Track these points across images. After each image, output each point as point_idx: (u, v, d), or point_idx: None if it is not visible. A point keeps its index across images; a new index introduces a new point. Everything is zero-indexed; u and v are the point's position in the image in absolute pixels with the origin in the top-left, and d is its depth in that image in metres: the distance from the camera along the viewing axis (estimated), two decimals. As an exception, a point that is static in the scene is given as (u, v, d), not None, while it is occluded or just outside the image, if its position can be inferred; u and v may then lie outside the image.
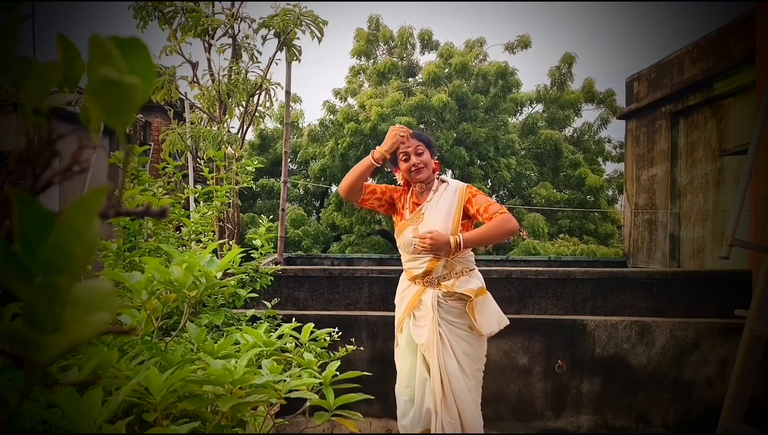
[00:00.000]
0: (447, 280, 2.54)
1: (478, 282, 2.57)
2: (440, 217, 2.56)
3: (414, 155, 2.61)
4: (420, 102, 12.28)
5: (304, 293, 5.30)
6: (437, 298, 2.53)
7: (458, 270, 2.56)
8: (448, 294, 2.53)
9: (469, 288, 2.52)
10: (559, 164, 13.99)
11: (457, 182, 2.69)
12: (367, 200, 2.73)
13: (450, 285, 2.52)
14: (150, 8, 4.62)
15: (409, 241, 2.58)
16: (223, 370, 1.18)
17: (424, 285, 2.59)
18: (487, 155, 13.18)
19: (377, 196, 2.74)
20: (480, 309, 2.52)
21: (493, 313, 2.58)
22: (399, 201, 2.75)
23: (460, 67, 13.09)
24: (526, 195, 14.08)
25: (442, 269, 2.55)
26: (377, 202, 2.75)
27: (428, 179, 2.66)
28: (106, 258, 2.48)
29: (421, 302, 2.57)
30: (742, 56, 5.88)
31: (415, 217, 2.62)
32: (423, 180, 2.64)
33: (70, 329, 0.38)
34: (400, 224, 2.68)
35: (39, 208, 0.41)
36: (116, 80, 0.41)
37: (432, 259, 2.54)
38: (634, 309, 5.20)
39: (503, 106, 13.77)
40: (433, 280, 2.56)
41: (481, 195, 2.61)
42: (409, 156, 2.61)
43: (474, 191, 2.62)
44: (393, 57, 14.09)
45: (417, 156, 2.60)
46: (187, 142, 4.94)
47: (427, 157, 2.62)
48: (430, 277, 2.56)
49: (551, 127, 14.24)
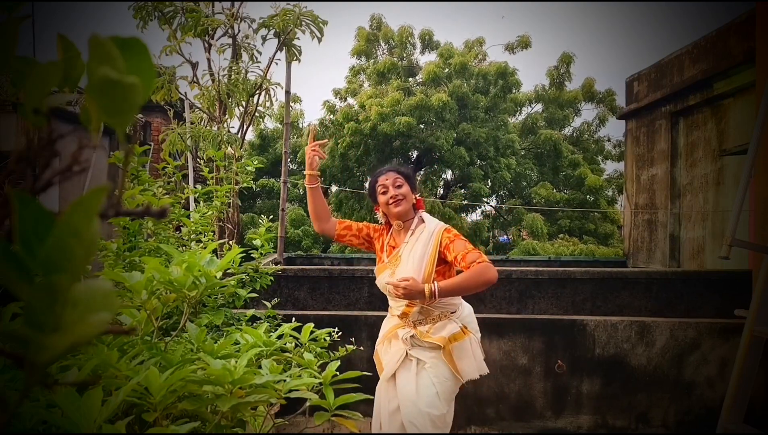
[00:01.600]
0: (423, 326, 2.47)
1: (454, 327, 2.46)
2: (412, 264, 2.46)
3: (392, 187, 2.51)
4: (420, 102, 12.28)
5: (304, 293, 5.30)
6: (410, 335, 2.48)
7: (435, 315, 2.46)
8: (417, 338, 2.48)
9: (440, 336, 2.43)
10: (558, 164, 14.00)
11: (435, 223, 2.55)
12: (344, 236, 2.68)
13: (425, 331, 2.45)
14: (150, 8, 4.62)
15: (384, 286, 2.52)
16: (223, 370, 1.18)
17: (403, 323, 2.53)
18: (487, 155, 13.19)
19: (353, 232, 2.68)
20: (458, 355, 2.43)
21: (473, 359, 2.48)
22: (377, 241, 2.67)
23: (459, 67, 13.10)
24: (526, 195, 14.09)
25: (418, 314, 2.47)
26: (354, 238, 2.68)
27: (407, 215, 2.55)
28: (106, 258, 2.48)
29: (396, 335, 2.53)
30: (742, 56, 5.88)
31: (393, 261, 2.54)
32: (402, 214, 2.53)
33: (70, 329, 0.38)
34: (379, 266, 2.62)
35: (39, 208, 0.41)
36: (116, 80, 0.41)
37: (408, 304, 2.47)
38: (634, 309, 5.20)
39: (503, 106, 13.78)
40: (409, 323, 2.50)
41: (459, 241, 2.45)
42: (387, 189, 2.52)
43: (452, 236, 2.47)
44: (393, 57, 14.09)
45: (395, 188, 2.50)
46: (187, 142, 4.94)
47: (407, 190, 2.52)
48: (407, 319, 2.50)
49: (551, 126, 14.26)
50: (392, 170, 2.58)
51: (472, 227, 13.78)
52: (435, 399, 2.41)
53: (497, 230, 15.41)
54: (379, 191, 2.55)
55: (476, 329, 2.59)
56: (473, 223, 14.34)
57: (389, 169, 2.59)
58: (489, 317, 3.96)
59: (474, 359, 2.47)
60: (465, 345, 2.46)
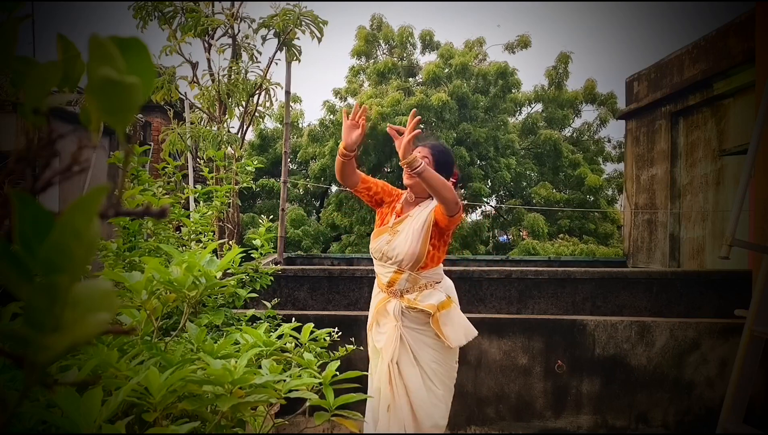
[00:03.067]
0: (410, 294, 2.52)
1: (441, 295, 2.53)
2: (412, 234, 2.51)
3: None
4: (420, 102, 12.28)
5: (304, 293, 5.30)
6: (401, 308, 2.51)
7: (421, 284, 2.53)
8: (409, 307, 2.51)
9: (429, 303, 2.48)
10: (558, 164, 14.00)
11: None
12: (360, 192, 2.71)
13: (412, 299, 2.50)
14: (150, 8, 4.62)
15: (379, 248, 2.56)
16: (223, 370, 1.18)
17: (388, 294, 2.57)
18: (487, 155, 13.19)
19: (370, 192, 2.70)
20: (444, 322, 2.49)
21: (460, 326, 2.53)
22: (388, 204, 2.71)
23: (460, 67, 13.09)
24: (526, 195, 14.09)
25: (405, 282, 2.52)
26: (367, 196, 2.72)
27: (419, 192, 2.60)
28: (106, 258, 2.48)
29: (385, 310, 2.56)
30: (742, 56, 5.88)
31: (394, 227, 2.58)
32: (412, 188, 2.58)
33: (70, 329, 0.38)
34: (379, 229, 2.65)
35: (39, 208, 0.41)
36: (116, 80, 0.41)
37: (395, 271, 2.53)
38: (634, 309, 5.21)
39: (503, 106, 13.78)
40: (396, 292, 2.54)
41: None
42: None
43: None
44: (393, 57, 14.09)
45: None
46: (187, 142, 4.94)
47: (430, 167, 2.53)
48: (394, 289, 2.54)
49: (550, 126, 14.26)
50: (428, 146, 2.59)
51: (472, 227, 13.78)
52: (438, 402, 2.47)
53: (497, 230, 15.41)
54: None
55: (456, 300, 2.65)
56: (473, 223, 14.34)
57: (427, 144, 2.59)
58: (489, 317, 3.96)
59: (461, 326, 2.54)
60: (452, 312, 2.53)
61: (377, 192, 2.72)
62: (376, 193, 2.72)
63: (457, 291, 2.72)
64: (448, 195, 2.40)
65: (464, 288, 5.01)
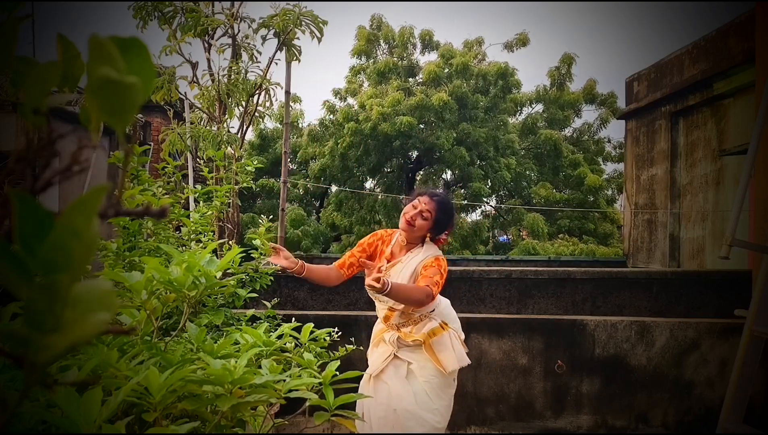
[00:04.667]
0: (405, 327, 2.58)
1: (433, 324, 2.56)
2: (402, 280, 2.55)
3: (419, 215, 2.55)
4: (420, 102, 12.28)
5: (304, 293, 5.30)
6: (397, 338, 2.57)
7: (415, 318, 2.58)
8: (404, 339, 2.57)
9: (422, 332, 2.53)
10: (558, 164, 14.00)
11: (432, 250, 2.62)
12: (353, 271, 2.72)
13: (408, 332, 2.56)
14: (150, 8, 4.62)
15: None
16: (223, 370, 1.18)
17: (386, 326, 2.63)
18: (487, 155, 13.19)
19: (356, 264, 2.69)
20: (438, 349, 2.52)
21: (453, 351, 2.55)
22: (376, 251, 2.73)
23: (461, 67, 13.09)
24: (526, 195, 14.09)
25: (399, 318, 2.58)
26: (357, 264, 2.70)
27: (413, 239, 2.62)
28: (106, 258, 2.48)
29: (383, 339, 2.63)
30: (742, 56, 5.88)
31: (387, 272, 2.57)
32: (406, 235, 2.61)
33: (70, 329, 0.38)
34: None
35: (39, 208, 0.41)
36: (116, 80, 0.41)
37: (389, 309, 2.58)
38: (634, 309, 5.20)
39: (503, 106, 13.78)
40: (392, 325, 2.61)
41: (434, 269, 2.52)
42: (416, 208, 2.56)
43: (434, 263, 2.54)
44: (393, 57, 14.09)
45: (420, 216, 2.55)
46: (186, 142, 4.94)
47: (425, 225, 2.56)
48: (390, 323, 2.61)
49: (551, 127, 14.25)
50: (434, 202, 2.58)
51: (472, 227, 13.77)
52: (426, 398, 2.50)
53: (497, 230, 15.41)
54: (413, 203, 2.60)
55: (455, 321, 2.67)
56: (473, 223, 14.34)
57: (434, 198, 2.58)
58: (489, 317, 3.96)
59: (453, 351, 2.55)
60: (444, 339, 2.55)
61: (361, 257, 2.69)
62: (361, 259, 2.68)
63: (457, 291, 2.73)
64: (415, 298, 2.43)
65: (464, 288, 5.01)
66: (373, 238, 2.77)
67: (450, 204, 2.68)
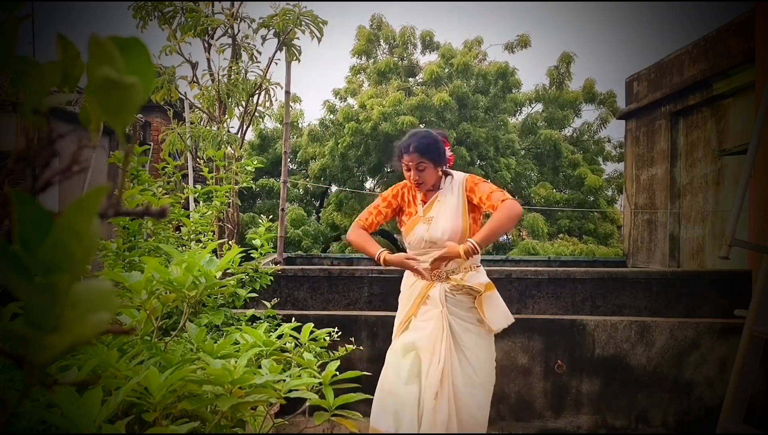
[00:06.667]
0: (456, 274, 2.53)
1: (486, 277, 2.57)
2: (450, 212, 2.54)
3: (415, 170, 2.55)
4: (421, 102, 12.28)
5: (304, 293, 5.30)
6: (445, 292, 2.51)
7: (467, 265, 2.54)
8: (456, 288, 2.50)
9: (479, 282, 2.51)
10: (558, 164, 13.99)
11: (459, 174, 2.66)
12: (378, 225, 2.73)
13: (459, 279, 2.50)
14: (150, 8, 4.62)
15: (419, 238, 2.56)
16: (223, 369, 1.18)
17: (431, 279, 2.55)
18: (487, 155, 13.19)
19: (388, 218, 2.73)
20: (488, 305, 2.51)
21: (502, 310, 2.57)
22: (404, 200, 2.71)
23: (462, 67, 13.09)
24: (526, 195, 14.08)
25: (452, 263, 2.52)
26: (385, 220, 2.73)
27: (432, 187, 2.63)
28: (106, 258, 2.48)
29: (428, 297, 2.54)
30: (742, 56, 5.88)
31: (425, 215, 2.60)
32: (423, 190, 2.63)
33: (70, 329, 0.38)
34: (411, 220, 2.63)
35: (39, 208, 0.41)
36: (116, 80, 0.41)
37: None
38: (634, 309, 5.20)
39: (503, 106, 13.78)
40: (441, 274, 2.53)
41: (482, 183, 2.59)
42: (410, 169, 2.56)
43: (476, 180, 2.60)
44: (394, 57, 14.09)
45: (418, 171, 2.55)
46: (186, 142, 4.94)
47: (430, 171, 2.56)
48: (439, 271, 2.53)
49: (550, 126, 14.25)
50: (416, 151, 2.55)
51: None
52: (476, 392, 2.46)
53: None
54: (404, 168, 2.60)
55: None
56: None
57: (414, 149, 2.55)
58: (489, 317, 3.95)
59: (502, 309, 2.58)
60: (494, 296, 2.57)
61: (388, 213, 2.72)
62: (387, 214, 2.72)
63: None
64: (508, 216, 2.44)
65: (464, 288, 5.01)
66: (396, 188, 2.74)
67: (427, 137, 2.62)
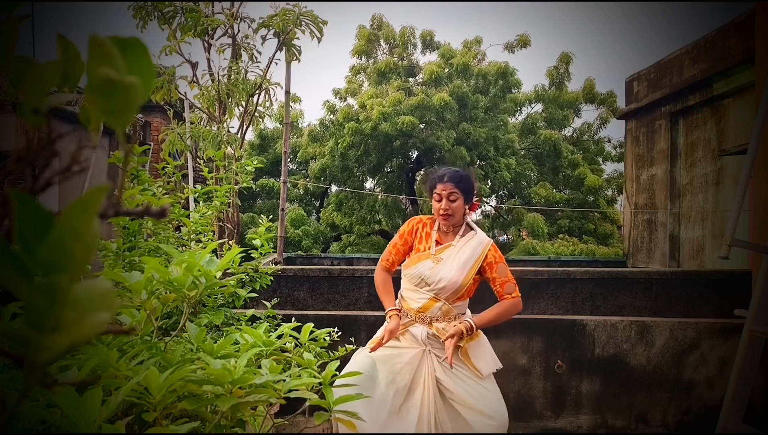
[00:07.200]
0: (439, 323, 2.49)
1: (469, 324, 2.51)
2: (457, 264, 2.49)
3: (446, 199, 2.51)
4: (421, 102, 12.28)
5: (304, 293, 5.30)
6: (428, 334, 2.48)
7: (452, 315, 2.51)
8: (436, 337, 2.48)
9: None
10: (558, 164, 14.00)
11: (483, 235, 2.61)
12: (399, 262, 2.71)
13: (442, 328, 2.47)
14: (150, 8, 4.61)
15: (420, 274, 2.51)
16: (223, 370, 1.18)
17: (415, 319, 2.53)
18: (487, 155, 13.19)
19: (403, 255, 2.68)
20: (474, 353, 2.49)
21: (489, 355, 2.54)
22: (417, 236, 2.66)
23: (462, 67, 13.10)
24: (526, 195, 14.09)
25: (438, 311, 2.49)
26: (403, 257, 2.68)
27: (456, 223, 2.59)
28: (106, 258, 2.48)
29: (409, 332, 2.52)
30: (742, 56, 5.88)
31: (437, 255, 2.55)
32: (449, 225, 2.58)
33: (70, 329, 0.38)
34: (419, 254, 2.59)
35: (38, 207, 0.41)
36: (116, 80, 0.41)
37: (431, 299, 2.50)
38: (634, 309, 5.20)
39: (503, 106, 13.78)
40: (425, 319, 2.51)
41: (503, 264, 2.55)
42: (442, 199, 2.52)
43: (498, 257, 2.55)
44: (394, 57, 14.09)
45: (449, 201, 2.51)
46: (186, 142, 4.94)
47: (459, 204, 2.52)
48: (424, 315, 2.51)
49: (550, 127, 14.26)
50: (451, 181, 2.53)
51: (472, 227, 13.75)
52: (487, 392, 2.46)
53: (497, 230, 15.41)
54: (435, 198, 2.56)
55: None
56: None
57: (449, 178, 2.53)
58: (489, 317, 3.95)
59: (489, 354, 2.55)
60: (481, 342, 2.54)
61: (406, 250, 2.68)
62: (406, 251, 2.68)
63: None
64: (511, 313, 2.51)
65: (464, 288, 5.01)
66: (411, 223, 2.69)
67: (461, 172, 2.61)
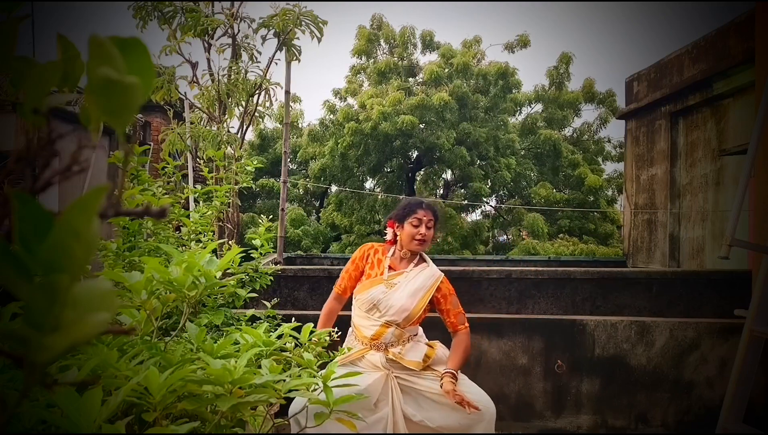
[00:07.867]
0: (394, 347, 2.52)
1: (423, 348, 2.56)
2: (409, 292, 2.55)
3: (425, 227, 2.59)
4: (421, 101, 12.28)
5: (304, 293, 5.30)
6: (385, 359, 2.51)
7: (405, 338, 2.55)
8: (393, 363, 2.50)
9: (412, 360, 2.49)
10: (558, 164, 14.01)
11: (434, 268, 2.68)
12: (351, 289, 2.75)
13: (397, 353, 2.50)
14: (150, 8, 4.61)
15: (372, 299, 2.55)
16: (223, 370, 1.18)
17: (370, 347, 2.55)
18: (487, 155, 13.20)
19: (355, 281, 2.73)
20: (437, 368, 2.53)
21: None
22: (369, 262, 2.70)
23: (462, 67, 13.09)
24: (526, 195, 14.09)
25: (391, 336, 2.52)
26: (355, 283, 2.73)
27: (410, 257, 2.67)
28: (106, 258, 2.48)
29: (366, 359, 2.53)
30: (742, 56, 5.88)
31: (389, 280, 2.59)
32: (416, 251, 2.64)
33: (70, 329, 0.38)
34: (371, 280, 2.63)
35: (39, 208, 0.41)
36: (116, 80, 0.41)
37: (383, 325, 2.52)
38: (634, 309, 5.20)
39: (503, 106, 13.78)
40: (380, 345, 2.53)
41: (454, 297, 2.65)
42: (421, 224, 2.59)
43: (450, 289, 2.65)
44: (394, 57, 14.09)
45: (427, 229, 2.60)
46: (186, 142, 4.94)
47: (432, 233, 2.63)
48: (378, 342, 2.53)
49: (550, 127, 14.26)
50: (432, 210, 2.64)
51: (472, 227, 13.77)
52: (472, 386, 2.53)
53: (497, 230, 15.41)
54: (413, 222, 2.60)
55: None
56: (473, 223, 14.33)
57: (429, 207, 2.64)
58: (488, 317, 3.96)
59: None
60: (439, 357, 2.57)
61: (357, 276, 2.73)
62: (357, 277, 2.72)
63: (457, 291, 2.74)
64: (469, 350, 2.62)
65: (464, 288, 5.01)
66: (363, 250, 2.76)
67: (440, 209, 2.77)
